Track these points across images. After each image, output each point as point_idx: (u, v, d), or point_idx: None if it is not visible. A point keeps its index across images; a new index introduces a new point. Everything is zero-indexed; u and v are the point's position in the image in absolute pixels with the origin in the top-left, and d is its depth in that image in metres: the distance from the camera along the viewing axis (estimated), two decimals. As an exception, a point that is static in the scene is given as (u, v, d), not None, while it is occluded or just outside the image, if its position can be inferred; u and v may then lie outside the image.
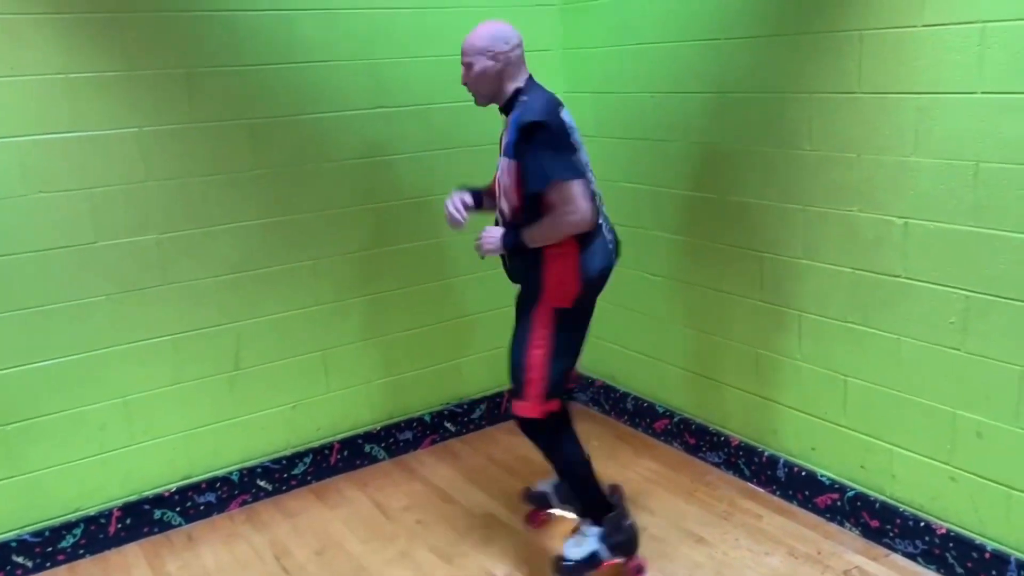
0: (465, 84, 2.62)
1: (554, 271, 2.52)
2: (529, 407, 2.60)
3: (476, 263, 3.61)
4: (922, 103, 2.49)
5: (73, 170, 2.84)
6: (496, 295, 3.86)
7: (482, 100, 2.64)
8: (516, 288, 2.74)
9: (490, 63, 2.53)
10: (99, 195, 2.90)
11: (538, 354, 2.56)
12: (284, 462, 3.42)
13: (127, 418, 3.07)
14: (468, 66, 2.57)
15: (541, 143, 2.40)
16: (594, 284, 2.59)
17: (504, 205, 2.60)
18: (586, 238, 2.50)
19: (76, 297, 2.91)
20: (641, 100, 3.46)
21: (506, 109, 2.61)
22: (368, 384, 3.60)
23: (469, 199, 2.70)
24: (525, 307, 2.64)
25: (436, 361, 3.76)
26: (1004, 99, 2.29)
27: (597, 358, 4.01)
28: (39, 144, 2.77)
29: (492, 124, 3.76)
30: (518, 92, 2.56)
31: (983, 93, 2.34)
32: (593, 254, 2.54)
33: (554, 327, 2.56)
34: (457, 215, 2.64)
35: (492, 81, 2.56)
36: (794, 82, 2.85)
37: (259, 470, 3.37)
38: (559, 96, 2.63)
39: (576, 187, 2.40)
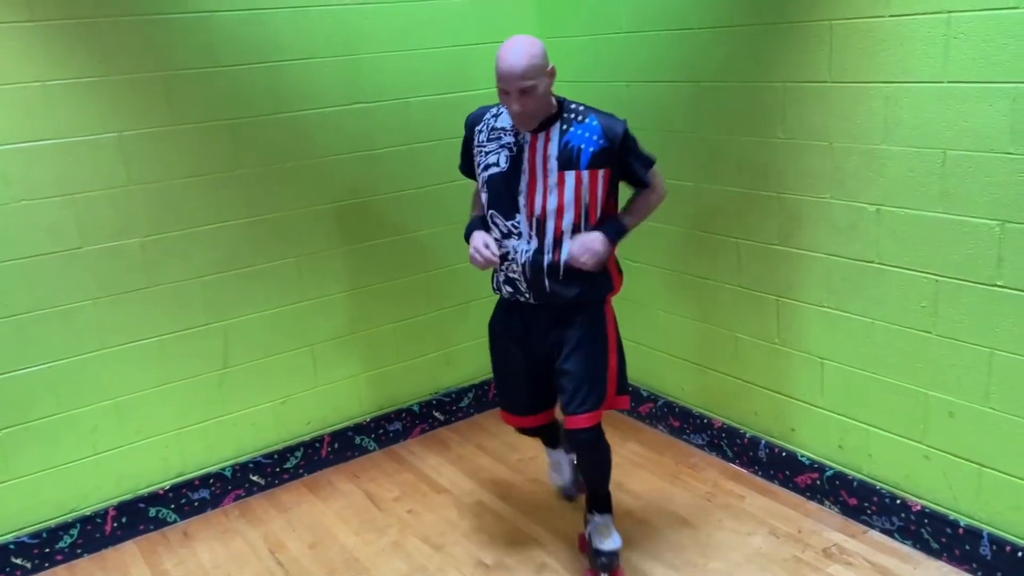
0: (521, 112, 2.34)
1: (615, 272, 2.62)
2: (610, 405, 2.61)
3: (455, 255, 3.65)
4: (890, 92, 2.53)
5: (55, 177, 2.86)
6: (477, 285, 3.90)
7: (534, 123, 2.41)
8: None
9: (551, 79, 2.38)
10: (82, 200, 2.92)
11: (616, 353, 2.62)
12: (276, 456, 3.48)
13: (119, 419, 3.12)
14: (531, 90, 2.31)
15: (634, 141, 2.48)
16: None
17: (566, 223, 2.44)
18: None
19: (63, 302, 2.94)
20: (617, 89, 3.48)
21: (548, 122, 2.43)
22: (356, 377, 3.65)
23: (492, 240, 2.49)
24: (580, 314, 2.53)
25: (423, 352, 3.81)
26: (969, 88, 2.34)
27: (582, 343, 4.06)
28: (19, 152, 2.79)
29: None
30: (561, 102, 2.46)
31: (949, 82, 2.38)
32: None
33: (615, 323, 2.64)
34: (492, 256, 2.46)
35: (550, 101, 2.42)
36: (767, 71, 2.88)
37: (251, 465, 3.42)
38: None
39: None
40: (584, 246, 2.42)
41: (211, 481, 3.34)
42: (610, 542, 2.72)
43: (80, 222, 2.93)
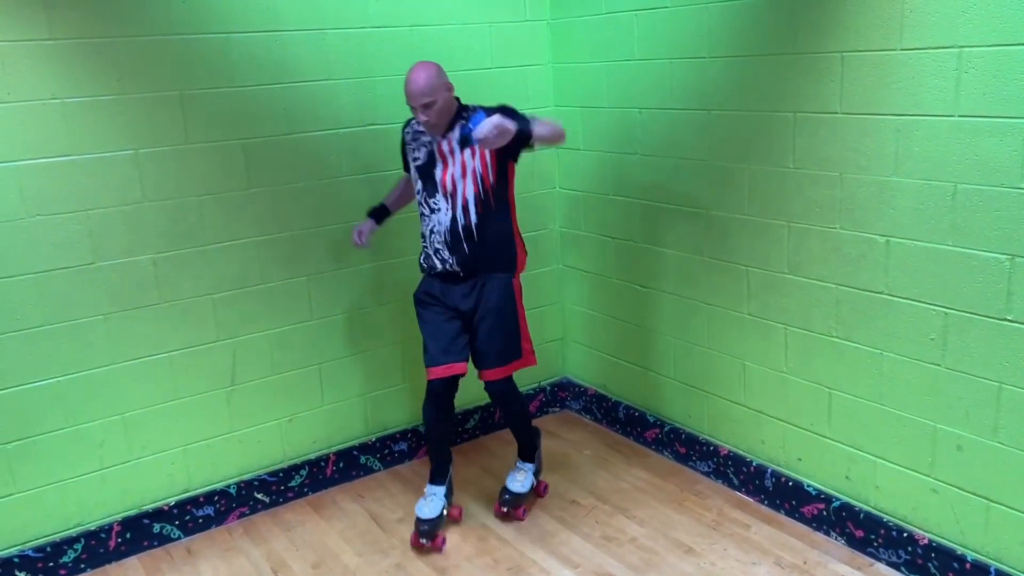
0: (427, 121, 2.90)
1: (520, 248, 3.13)
2: (523, 363, 3.15)
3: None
4: (901, 124, 2.54)
5: (70, 193, 2.89)
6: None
7: (442, 130, 2.96)
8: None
9: (448, 93, 2.92)
10: (96, 217, 2.95)
11: (524, 319, 3.14)
12: (281, 475, 3.48)
13: (126, 434, 3.13)
14: (431, 104, 2.86)
15: (512, 110, 2.89)
16: None
17: (468, 192, 2.96)
18: None
19: (75, 317, 2.96)
20: (629, 115, 3.51)
21: (452, 123, 2.96)
22: (363, 396, 3.65)
23: (368, 227, 3.23)
24: (487, 286, 3.04)
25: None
26: (980, 122, 2.35)
27: (589, 368, 4.07)
28: (36, 168, 2.82)
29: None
30: (461, 107, 3.00)
31: (960, 116, 2.39)
32: None
33: (521, 295, 3.15)
34: (359, 241, 3.22)
35: (450, 108, 2.94)
36: (778, 101, 2.90)
37: (256, 483, 3.42)
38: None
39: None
40: (491, 122, 2.67)
41: (216, 498, 3.34)
42: (519, 485, 3.28)
43: (93, 238, 2.95)
